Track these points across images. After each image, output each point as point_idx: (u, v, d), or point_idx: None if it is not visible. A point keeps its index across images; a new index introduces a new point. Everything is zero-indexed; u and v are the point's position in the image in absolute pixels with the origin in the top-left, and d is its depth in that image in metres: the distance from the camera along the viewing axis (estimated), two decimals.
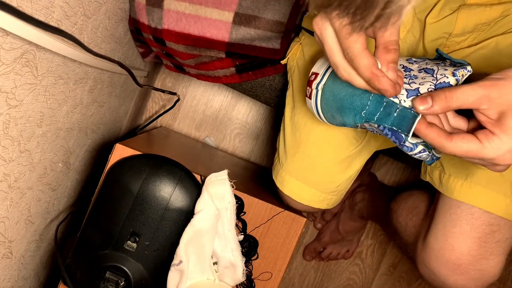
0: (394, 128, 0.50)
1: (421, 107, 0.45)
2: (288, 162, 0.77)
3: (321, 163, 0.75)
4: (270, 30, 0.78)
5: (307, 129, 0.75)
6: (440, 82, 0.49)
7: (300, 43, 0.78)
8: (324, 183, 0.77)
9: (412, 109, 0.48)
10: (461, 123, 0.51)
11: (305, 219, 0.74)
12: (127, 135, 1.13)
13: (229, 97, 1.27)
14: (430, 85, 0.49)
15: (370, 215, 1.16)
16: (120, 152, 0.70)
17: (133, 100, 1.09)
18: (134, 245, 0.66)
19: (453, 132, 0.50)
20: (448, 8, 0.63)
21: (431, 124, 0.47)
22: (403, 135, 0.50)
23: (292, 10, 0.78)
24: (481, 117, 0.45)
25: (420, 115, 0.47)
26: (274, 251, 0.75)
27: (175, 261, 0.67)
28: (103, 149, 0.94)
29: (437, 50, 0.54)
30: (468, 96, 0.44)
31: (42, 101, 0.57)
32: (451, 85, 0.48)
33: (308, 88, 0.60)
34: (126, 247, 0.66)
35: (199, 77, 0.92)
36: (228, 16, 0.77)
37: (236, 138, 1.29)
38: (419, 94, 0.49)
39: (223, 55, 0.82)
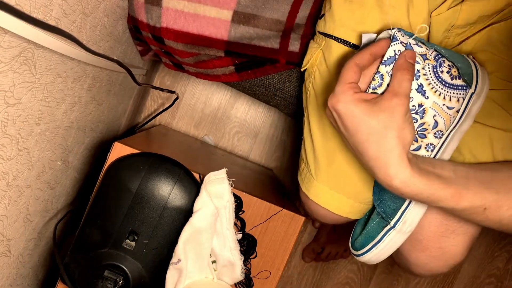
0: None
1: None
2: (322, 172, 0.74)
3: (359, 171, 0.72)
4: (269, 29, 0.78)
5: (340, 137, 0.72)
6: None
7: (321, 49, 0.74)
8: (364, 193, 0.73)
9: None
10: None
11: (303, 217, 0.74)
12: (126, 134, 1.13)
13: (228, 96, 1.27)
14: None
15: None
16: (119, 150, 0.70)
17: (132, 98, 1.08)
18: (133, 243, 0.66)
19: None
20: (453, 1, 0.63)
21: None
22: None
23: (291, 9, 0.77)
24: None
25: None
26: (273, 249, 0.75)
27: (173, 260, 0.67)
28: (102, 147, 0.94)
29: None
30: None
31: (41, 99, 0.57)
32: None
33: None
34: (125, 246, 0.66)
35: (198, 75, 0.92)
36: (227, 15, 0.76)
37: (235, 137, 1.29)
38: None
39: (222, 54, 0.81)
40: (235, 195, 0.71)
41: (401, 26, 0.66)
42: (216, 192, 0.68)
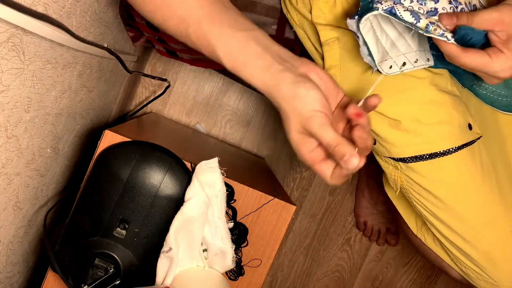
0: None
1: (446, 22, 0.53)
2: None
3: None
4: (266, 15, 0.78)
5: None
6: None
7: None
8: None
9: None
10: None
11: (294, 206, 0.75)
12: (117, 121, 1.12)
13: (220, 83, 1.26)
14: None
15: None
16: (110, 138, 0.69)
17: (123, 85, 1.07)
18: (124, 232, 0.66)
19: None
20: None
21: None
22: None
23: None
24: (493, 37, 0.53)
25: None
26: (264, 238, 0.75)
27: (164, 248, 0.67)
28: (92, 134, 0.93)
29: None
30: (485, 20, 0.52)
31: (30, 86, 0.56)
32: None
33: None
34: (116, 234, 0.66)
35: (193, 62, 0.90)
36: None
37: (227, 125, 1.28)
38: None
39: None
40: (226, 184, 0.71)
41: None
42: (208, 181, 0.68)
